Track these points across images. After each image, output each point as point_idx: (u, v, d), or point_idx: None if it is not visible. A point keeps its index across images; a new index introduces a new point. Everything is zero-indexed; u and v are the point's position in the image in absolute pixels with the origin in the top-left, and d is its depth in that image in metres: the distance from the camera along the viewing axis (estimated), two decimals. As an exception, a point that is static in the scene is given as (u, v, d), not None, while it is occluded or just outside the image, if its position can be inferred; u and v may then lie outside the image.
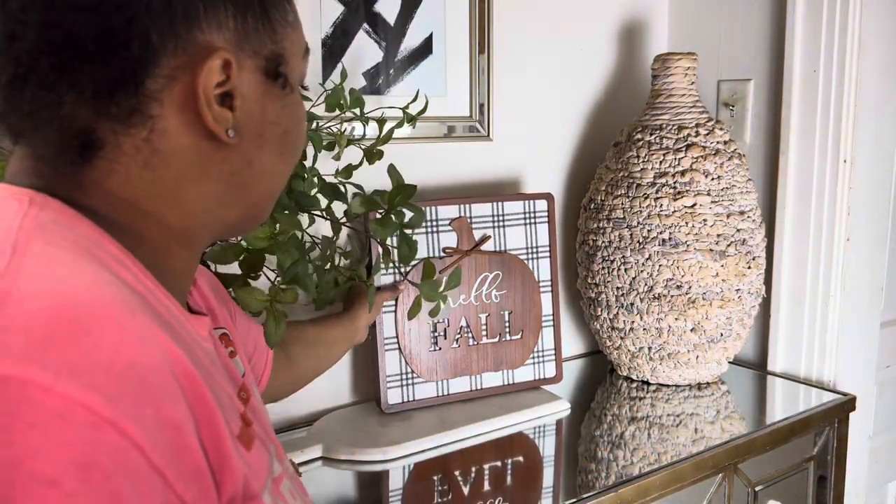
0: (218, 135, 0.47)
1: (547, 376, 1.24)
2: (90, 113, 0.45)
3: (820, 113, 1.27)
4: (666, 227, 1.19)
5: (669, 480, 1.00)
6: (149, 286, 0.45)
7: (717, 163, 1.20)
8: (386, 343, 1.13)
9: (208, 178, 0.49)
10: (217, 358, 0.53)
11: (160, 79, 0.45)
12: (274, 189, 0.55)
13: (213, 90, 0.46)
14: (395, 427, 1.09)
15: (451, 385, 1.17)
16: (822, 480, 1.25)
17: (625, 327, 1.25)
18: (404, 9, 1.18)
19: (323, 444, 1.03)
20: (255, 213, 0.55)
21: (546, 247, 1.23)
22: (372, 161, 1.02)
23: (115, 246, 0.44)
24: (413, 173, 1.23)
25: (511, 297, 1.20)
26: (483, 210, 1.18)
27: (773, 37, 1.35)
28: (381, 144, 1.03)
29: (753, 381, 1.37)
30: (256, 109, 0.50)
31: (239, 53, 0.48)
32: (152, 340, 0.39)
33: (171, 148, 0.47)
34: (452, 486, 0.97)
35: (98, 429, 0.34)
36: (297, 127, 0.55)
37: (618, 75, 1.47)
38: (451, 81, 1.25)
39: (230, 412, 0.47)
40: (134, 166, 0.46)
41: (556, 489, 1.00)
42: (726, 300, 1.21)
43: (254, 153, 0.51)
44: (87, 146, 0.45)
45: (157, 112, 0.46)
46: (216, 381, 0.47)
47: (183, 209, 0.49)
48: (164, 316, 0.44)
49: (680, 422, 1.16)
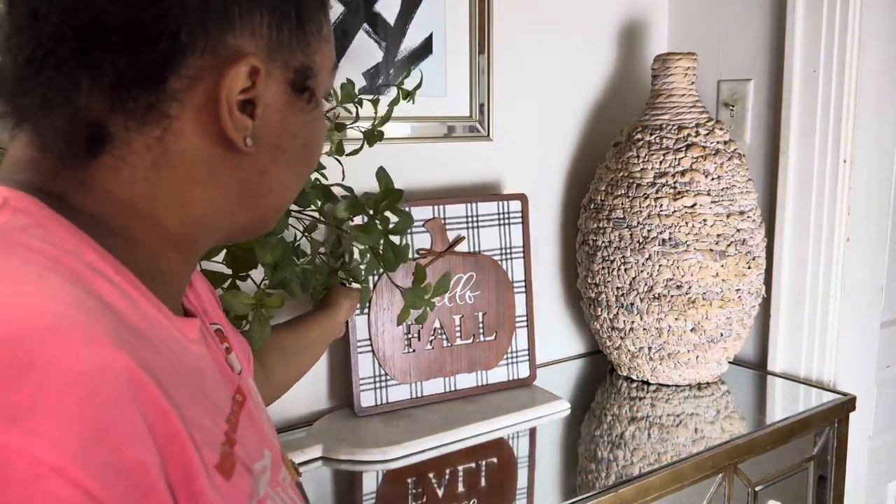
0: (235, 142, 0.45)
1: (520, 376, 1.24)
2: (105, 105, 0.43)
3: (820, 113, 1.27)
4: (666, 227, 1.19)
5: (669, 480, 1.00)
6: (130, 295, 0.42)
7: (717, 163, 1.20)
8: (359, 346, 1.12)
9: (216, 185, 0.47)
10: (210, 360, 0.50)
11: (184, 79, 0.43)
12: (283, 202, 0.53)
13: (237, 96, 0.45)
14: (396, 427, 1.09)
15: (425, 387, 1.17)
16: (822, 480, 1.25)
17: (625, 327, 1.25)
18: (404, 9, 1.18)
19: (323, 444, 1.03)
20: (261, 223, 0.53)
21: (520, 247, 1.23)
22: (372, 143, 1.00)
23: (94, 253, 0.41)
24: (413, 173, 1.23)
25: (485, 297, 1.20)
26: (457, 211, 1.18)
27: (773, 37, 1.35)
28: (382, 125, 1.01)
29: (753, 381, 1.37)
30: (277, 120, 0.48)
31: (269, 63, 0.46)
32: (113, 371, 0.35)
33: (182, 150, 0.45)
34: (452, 486, 0.97)
35: (43, 480, 0.31)
36: (316, 142, 0.53)
37: (618, 75, 1.47)
38: (451, 81, 1.25)
39: (210, 437, 0.43)
40: (140, 166, 0.44)
41: (556, 489, 1.00)
42: (726, 300, 1.21)
43: (268, 164, 0.49)
44: (96, 140, 0.43)
45: (175, 112, 0.44)
46: (200, 397, 0.44)
47: (184, 214, 0.47)
48: (143, 330, 0.41)
49: (680, 422, 1.16)
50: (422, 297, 1.01)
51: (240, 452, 0.47)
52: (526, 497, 0.98)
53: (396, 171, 1.17)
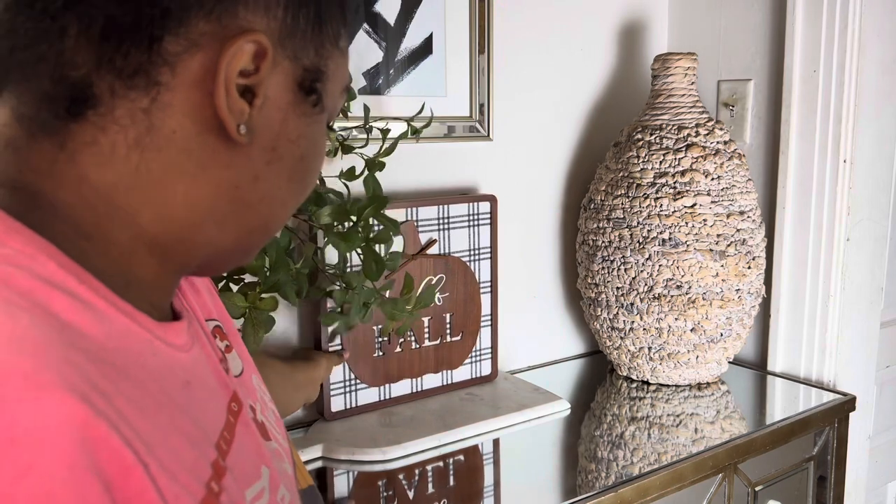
0: (227, 127, 0.41)
1: (483, 374, 1.25)
2: (91, 59, 0.39)
3: (820, 113, 1.27)
4: (666, 227, 1.19)
5: (669, 480, 1.00)
6: (97, 306, 0.37)
7: (717, 163, 1.20)
8: (330, 350, 1.10)
9: (203, 181, 0.42)
10: (202, 366, 0.46)
11: (182, 40, 0.39)
12: (274, 219, 0.48)
13: (237, 78, 0.40)
14: (396, 427, 1.09)
15: (393, 389, 1.16)
16: (821, 480, 1.25)
17: (625, 327, 1.26)
18: (404, 9, 1.18)
19: (323, 444, 1.03)
20: (247, 244, 0.48)
21: (487, 248, 1.24)
22: (373, 171, 1.01)
23: (53, 262, 0.36)
24: (413, 174, 1.23)
25: (453, 298, 1.20)
26: (429, 213, 1.18)
27: (773, 37, 1.35)
28: (385, 156, 1.01)
29: (753, 381, 1.37)
30: (277, 119, 0.44)
31: (278, 49, 0.42)
32: (62, 433, 0.29)
33: (169, 129, 0.40)
34: (452, 486, 0.97)
35: None
36: (315, 156, 0.48)
37: (618, 75, 1.47)
38: (451, 81, 1.25)
39: (192, 476, 0.37)
40: (122, 142, 0.40)
41: (556, 489, 1.00)
42: (726, 300, 1.21)
43: (262, 168, 0.44)
44: (78, 100, 0.39)
45: (165, 79, 0.39)
46: (182, 422, 0.39)
47: (162, 210, 0.42)
48: (111, 349, 0.36)
49: (680, 422, 1.16)
50: (402, 309, 0.98)
51: (228, 484, 0.41)
52: (526, 497, 0.98)
53: (397, 171, 1.18)
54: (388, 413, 1.14)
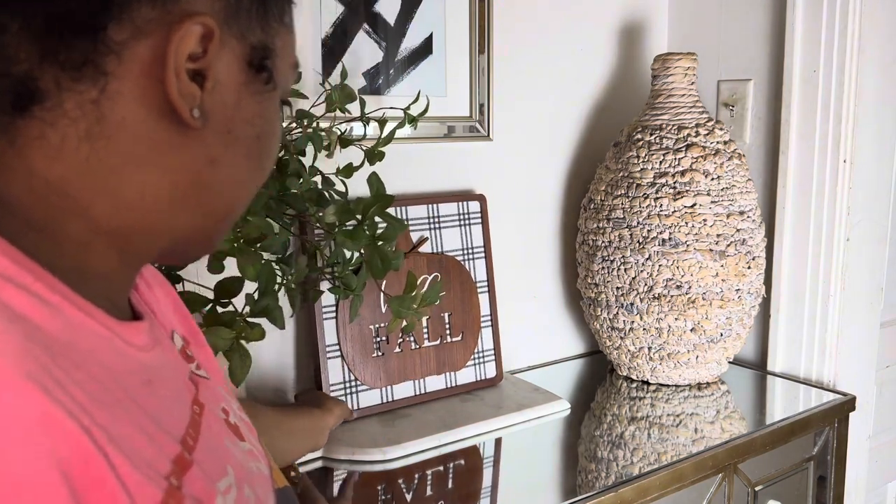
0: (180, 112, 0.40)
1: (488, 376, 1.24)
2: (35, 53, 0.38)
3: (820, 113, 1.27)
4: (666, 227, 1.19)
5: (669, 480, 1.00)
6: (50, 301, 0.36)
7: (716, 163, 1.20)
8: (328, 351, 1.10)
9: (158, 167, 0.42)
10: (169, 364, 0.46)
11: (126, 28, 0.38)
12: (234, 201, 0.47)
13: (186, 63, 0.40)
14: (396, 427, 1.09)
15: (396, 391, 1.16)
16: (821, 480, 1.25)
17: (625, 327, 1.26)
18: (404, 9, 1.18)
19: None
20: (209, 229, 0.47)
21: (481, 247, 1.24)
22: (373, 162, 1.01)
23: (4, 257, 0.36)
24: (413, 174, 1.23)
25: (450, 298, 1.20)
26: (419, 212, 1.18)
27: (773, 37, 1.35)
28: (383, 146, 1.02)
29: (753, 381, 1.37)
30: (231, 100, 0.43)
31: (224, 29, 0.41)
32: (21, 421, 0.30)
33: (120, 118, 0.40)
34: (452, 486, 0.97)
35: None
36: (272, 134, 0.47)
37: (618, 75, 1.47)
38: (451, 81, 1.25)
39: (151, 469, 0.37)
40: (72, 134, 0.39)
41: (556, 489, 1.00)
42: (726, 300, 1.21)
43: (218, 150, 0.43)
44: (23, 96, 0.38)
45: (113, 69, 0.39)
46: (140, 419, 0.39)
47: (117, 200, 0.41)
48: (66, 342, 0.36)
49: (680, 422, 1.16)
50: (409, 307, 0.99)
51: (195, 478, 0.41)
52: (526, 497, 0.98)
53: (397, 171, 1.18)
54: (389, 413, 1.14)
